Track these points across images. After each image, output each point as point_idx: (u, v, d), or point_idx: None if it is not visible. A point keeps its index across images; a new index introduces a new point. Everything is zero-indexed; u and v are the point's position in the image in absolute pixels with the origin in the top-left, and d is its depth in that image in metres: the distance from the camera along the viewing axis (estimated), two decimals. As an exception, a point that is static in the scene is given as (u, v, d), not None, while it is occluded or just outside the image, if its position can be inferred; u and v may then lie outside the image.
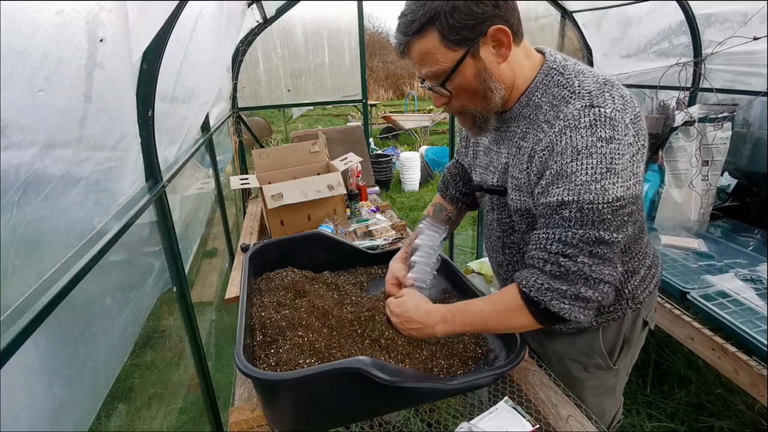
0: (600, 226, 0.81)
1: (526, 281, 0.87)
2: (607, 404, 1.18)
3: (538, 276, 0.86)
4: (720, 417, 2.02)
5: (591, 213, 0.80)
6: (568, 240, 0.82)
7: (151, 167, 1.28)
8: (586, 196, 0.80)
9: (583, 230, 0.81)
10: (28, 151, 0.71)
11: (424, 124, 8.27)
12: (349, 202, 2.28)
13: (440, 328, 0.96)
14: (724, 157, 2.31)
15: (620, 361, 1.13)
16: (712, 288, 1.83)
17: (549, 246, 0.85)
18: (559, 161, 0.83)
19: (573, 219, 0.81)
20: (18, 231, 0.70)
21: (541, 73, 0.92)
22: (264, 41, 3.17)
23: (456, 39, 0.83)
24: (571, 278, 0.83)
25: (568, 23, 3.29)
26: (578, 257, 0.82)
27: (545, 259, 0.85)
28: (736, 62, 2.37)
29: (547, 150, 0.86)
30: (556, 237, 0.84)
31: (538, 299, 0.85)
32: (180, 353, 2.15)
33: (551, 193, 0.84)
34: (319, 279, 1.30)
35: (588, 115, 0.81)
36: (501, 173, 1.02)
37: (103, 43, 0.82)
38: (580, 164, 0.80)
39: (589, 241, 0.81)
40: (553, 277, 0.84)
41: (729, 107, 2.32)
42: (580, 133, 0.81)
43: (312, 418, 0.87)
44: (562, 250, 0.83)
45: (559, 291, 0.84)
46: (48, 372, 0.79)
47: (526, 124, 0.94)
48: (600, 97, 0.83)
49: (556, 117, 0.86)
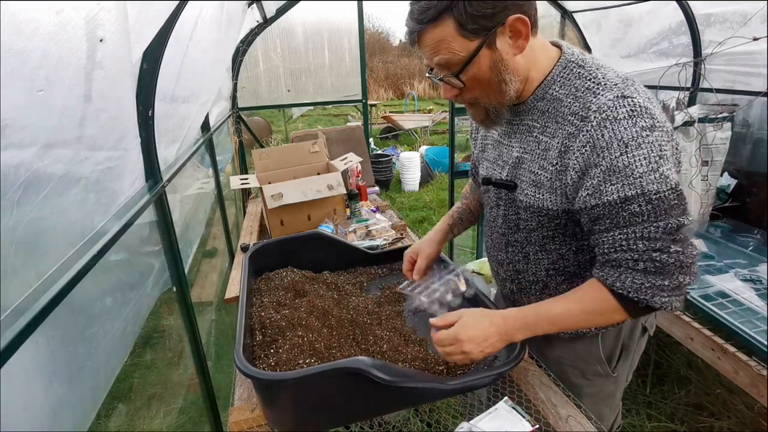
0: (674, 213, 0.79)
1: (621, 283, 0.83)
2: (606, 411, 1.17)
3: (634, 276, 0.82)
4: (720, 417, 2.02)
5: (660, 202, 0.78)
6: (652, 235, 0.79)
7: (151, 167, 1.28)
8: (650, 187, 0.78)
9: (662, 221, 0.78)
10: (28, 150, 0.71)
11: (424, 124, 8.27)
12: (349, 202, 2.28)
13: (521, 335, 0.91)
14: (723, 157, 2.31)
15: (619, 368, 1.11)
16: (711, 288, 1.83)
17: (634, 245, 0.81)
18: (607, 157, 0.80)
19: (645, 213, 0.79)
20: (18, 231, 0.70)
21: (559, 66, 0.90)
22: (264, 41, 3.17)
23: (473, 28, 0.80)
24: (668, 270, 0.80)
25: (568, 23, 3.29)
26: (670, 248, 0.79)
27: (636, 258, 0.81)
28: (736, 62, 2.37)
29: (588, 146, 0.82)
30: (637, 235, 0.80)
31: (638, 299, 0.82)
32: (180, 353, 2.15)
33: (607, 192, 0.81)
34: (319, 279, 1.30)
35: (623, 105, 0.79)
36: (512, 167, 0.99)
37: (102, 42, 0.82)
38: (632, 157, 0.78)
39: (671, 230, 0.79)
40: (650, 274, 0.81)
41: (729, 107, 2.32)
42: (621, 125, 0.78)
43: (312, 418, 0.87)
44: (651, 245, 0.80)
45: (660, 287, 0.81)
46: (48, 372, 0.79)
47: (545, 118, 0.91)
48: (628, 88, 0.82)
49: (587, 108, 0.83)
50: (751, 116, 2.40)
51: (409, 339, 1.07)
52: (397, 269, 1.40)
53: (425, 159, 6.11)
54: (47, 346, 0.78)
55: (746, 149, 2.45)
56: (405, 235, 1.99)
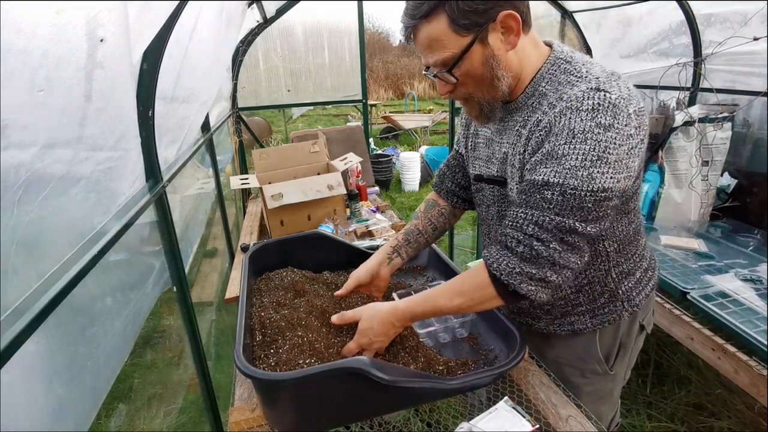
0: (578, 215, 0.81)
1: (497, 264, 0.87)
2: (604, 409, 1.18)
3: (510, 259, 0.86)
4: (720, 417, 2.02)
5: (572, 199, 0.80)
6: (545, 225, 0.82)
7: (151, 167, 1.28)
8: (571, 181, 0.79)
9: (560, 217, 0.81)
10: (28, 151, 0.71)
11: (424, 124, 8.26)
12: (349, 202, 2.28)
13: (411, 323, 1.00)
14: (724, 157, 2.31)
15: (616, 366, 1.12)
16: (712, 288, 1.83)
17: (525, 227, 0.84)
18: (553, 141, 0.82)
19: (553, 202, 0.81)
20: (18, 231, 0.70)
21: (548, 63, 0.91)
22: (264, 41, 3.17)
23: (465, 24, 0.82)
24: (540, 262, 0.83)
25: (568, 23, 3.29)
26: (551, 243, 0.82)
27: (519, 239, 0.85)
28: (736, 62, 2.37)
29: (545, 130, 0.85)
30: (533, 219, 0.84)
31: (508, 282, 0.86)
32: (180, 353, 2.16)
33: (538, 172, 0.84)
34: (319, 279, 1.30)
35: (592, 98, 0.80)
36: (500, 163, 1.01)
37: (103, 43, 0.82)
38: (572, 148, 0.80)
39: (563, 229, 0.81)
40: (523, 260, 0.84)
41: (729, 107, 2.32)
42: (580, 116, 0.80)
43: (312, 418, 0.87)
44: (537, 233, 0.83)
45: (528, 274, 0.84)
46: (48, 372, 0.79)
47: (528, 113, 0.92)
48: (607, 83, 0.82)
49: (560, 99, 0.85)
50: (752, 116, 2.40)
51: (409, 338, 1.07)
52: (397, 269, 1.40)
53: (425, 159, 6.11)
54: (47, 346, 0.78)
55: (746, 149, 2.44)
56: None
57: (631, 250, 1.02)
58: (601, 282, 1.02)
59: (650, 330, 1.16)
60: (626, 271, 1.03)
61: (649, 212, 2.49)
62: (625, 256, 1.01)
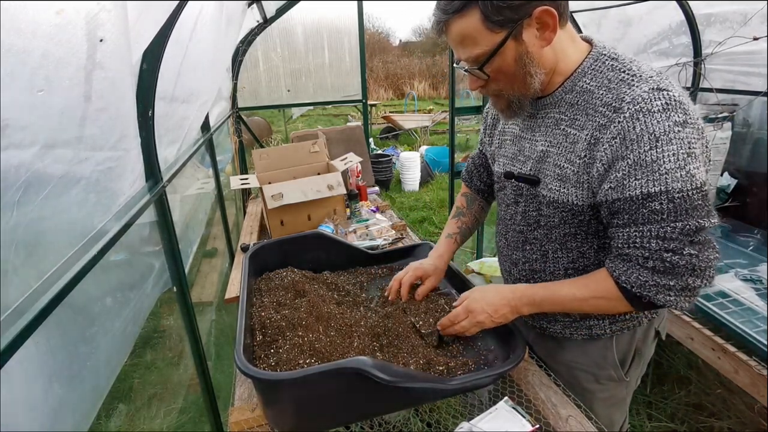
0: (695, 214, 0.77)
1: (626, 277, 0.83)
2: (617, 416, 1.14)
3: (640, 272, 0.81)
4: (720, 417, 2.02)
5: (683, 202, 0.76)
6: (668, 235, 0.78)
7: (151, 167, 1.28)
8: (674, 185, 0.76)
9: (681, 222, 0.77)
10: (28, 151, 0.71)
11: (424, 124, 8.27)
12: (349, 202, 2.28)
13: (527, 310, 0.95)
14: (724, 157, 2.31)
15: (631, 373, 1.09)
16: (712, 288, 1.83)
17: (647, 244, 0.80)
18: (635, 150, 0.78)
19: (665, 211, 0.77)
20: (18, 231, 0.70)
21: (590, 58, 0.88)
22: (264, 41, 3.17)
23: (499, 20, 0.79)
24: (678, 271, 0.79)
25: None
26: (684, 250, 0.78)
27: (646, 256, 0.80)
28: (736, 62, 2.37)
29: (618, 138, 0.79)
30: (653, 234, 0.79)
31: (641, 294, 0.82)
32: (180, 353, 2.16)
33: (630, 186, 0.79)
34: (319, 279, 1.30)
35: (659, 98, 0.77)
36: (535, 162, 0.96)
37: (102, 43, 0.82)
38: (661, 152, 0.76)
39: (689, 232, 0.77)
40: (657, 273, 0.80)
41: (729, 107, 2.32)
42: (655, 118, 0.76)
43: (312, 418, 0.87)
44: (664, 245, 0.78)
45: (666, 286, 0.80)
46: (48, 372, 0.79)
47: (574, 110, 0.89)
48: (663, 81, 0.79)
49: (620, 99, 0.80)
50: (751, 116, 2.40)
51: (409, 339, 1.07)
52: (397, 269, 1.40)
53: (425, 159, 6.12)
54: (47, 346, 0.78)
55: (746, 149, 2.44)
56: (405, 235, 1.99)
57: None
58: None
59: (664, 336, 1.14)
60: None
61: (649, 212, 2.49)
62: None
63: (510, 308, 0.95)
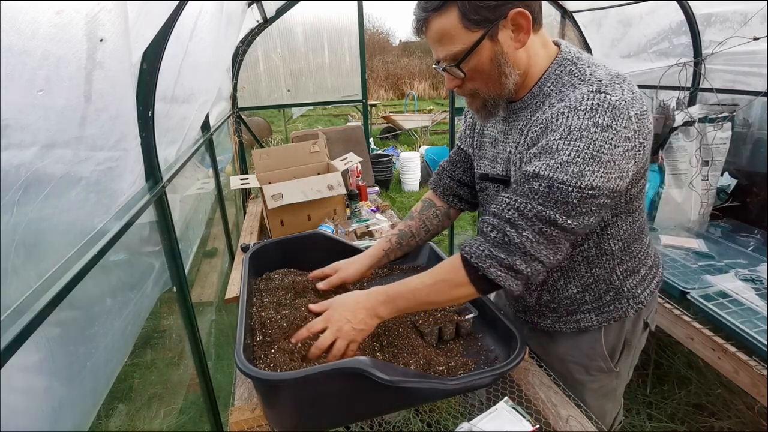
0: (561, 208, 0.81)
1: (469, 248, 0.89)
2: (608, 407, 1.18)
3: (481, 243, 0.88)
4: (720, 417, 2.02)
5: (558, 192, 0.80)
6: (524, 211, 0.83)
7: (151, 167, 1.28)
8: (559, 175, 0.80)
9: (542, 206, 0.81)
10: (28, 151, 0.71)
11: (424, 124, 8.27)
12: (349, 202, 2.28)
13: (384, 309, 0.94)
14: (724, 157, 2.31)
15: (621, 364, 1.12)
16: (712, 288, 1.83)
17: (505, 211, 0.85)
18: (549, 137, 0.83)
19: (539, 193, 0.82)
20: (18, 231, 0.70)
21: (555, 64, 0.91)
22: (264, 41, 3.17)
23: (476, 19, 0.82)
24: (510, 249, 0.84)
25: (568, 23, 3.29)
26: (524, 231, 0.83)
27: (494, 225, 0.86)
28: (736, 62, 2.37)
29: (541, 126, 0.86)
30: (515, 204, 0.84)
31: (477, 265, 0.86)
32: (180, 353, 2.16)
33: (531, 164, 0.85)
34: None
35: (591, 99, 0.80)
36: (505, 162, 1.01)
37: (102, 43, 0.82)
38: (566, 144, 0.80)
39: (542, 219, 0.82)
40: (494, 245, 0.86)
41: (729, 107, 2.32)
42: (577, 115, 0.80)
43: (312, 418, 0.87)
44: (514, 218, 0.84)
45: (497, 259, 0.85)
46: (48, 372, 0.79)
47: (532, 112, 0.93)
48: (610, 86, 0.82)
49: (561, 100, 0.86)
50: (752, 116, 2.40)
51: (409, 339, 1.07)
52: (398, 269, 1.41)
53: (425, 159, 6.11)
54: (47, 346, 0.78)
55: (746, 149, 2.44)
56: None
57: (635, 248, 1.02)
58: (606, 280, 1.03)
59: (654, 328, 1.16)
60: (631, 269, 1.03)
61: (649, 212, 2.49)
62: (630, 254, 1.02)
63: (366, 311, 0.93)
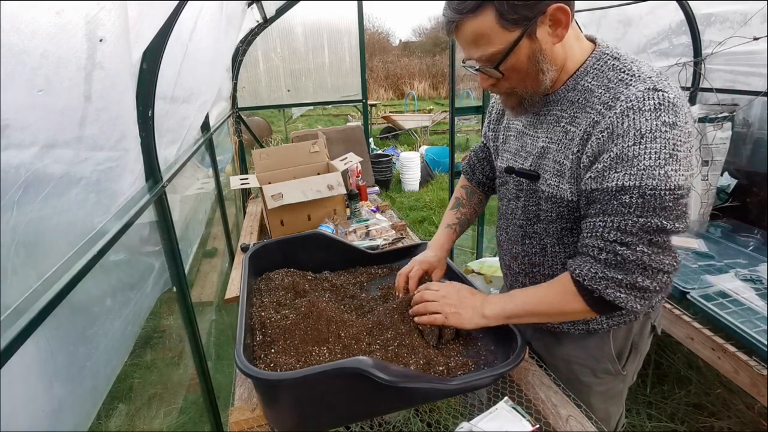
0: (661, 214, 0.77)
1: (579, 270, 0.85)
2: (613, 410, 1.16)
3: (592, 264, 0.83)
4: (720, 417, 2.02)
5: (653, 199, 0.77)
6: (628, 228, 0.79)
7: (151, 167, 1.28)
8: (649, 182, 0.76)
9: (644, 218, 0.77)
10: (28, 151, 0.71)
11: (424, 124, 8.27)
12: (349, 202, 2.28)
13: (490, 309, 0.97)
14: (724, 157, 2.31)
15: (628, 367, 1.10)
16: (712, 288, 1.83)
17: (606, 234, 0.81)
18: (620, 144, 0.79)
19: (633, 205, 0.78)
20: (18, 231, 0.70)
21: (593, 58, 0.89)
22: (264, 41, 3.17)
23: (514, 18, 0.79)
24: (627, 267, 0.80)
25: (568, 23, 3.28)
26: (637, 246, 0.79)
27: (600, 247, 0.82)
28: (736, 62, 2.37)
29: (606, 132, 0.81)
30: (614, 225, 0.80)
31: (591, 288, 0.83)
32: (180, 353, 2.16)
33: (609, 178, 0.80)
34: (319, 279, 1.30)
35: (652, 98, 0.78)
36: (536, 157, 0.98)
37: (102, 43, 0.82)
38: (643, 148, 0.77)
39: (649, 230, 0.78)
40: (607, 266, 0.81)
41: (729, 107, 2.32)
42: (644, 116, 0.77)
43: (312, 418, 0.87)
44: (620, 238, 0.79)
45: (614, 280, 0.81)
46: (48, 372, 0.79)
47: (575, 109, 0.90)
48: (662, 82, 0.80)
49: (616, 98, 0.82)
50: (752, 116, 2.40)
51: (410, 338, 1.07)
52: (397, 269, 1.40)
53: (425, 159, 6.12)
54: (47, 346, 0.78)
55: (746, 149, 2.44)
56: (405, 235, 1.99)
57: None
58: None
59: (660, 331, 1.15)
60: None
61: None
62: None
63: (474, 310, 0.99)
